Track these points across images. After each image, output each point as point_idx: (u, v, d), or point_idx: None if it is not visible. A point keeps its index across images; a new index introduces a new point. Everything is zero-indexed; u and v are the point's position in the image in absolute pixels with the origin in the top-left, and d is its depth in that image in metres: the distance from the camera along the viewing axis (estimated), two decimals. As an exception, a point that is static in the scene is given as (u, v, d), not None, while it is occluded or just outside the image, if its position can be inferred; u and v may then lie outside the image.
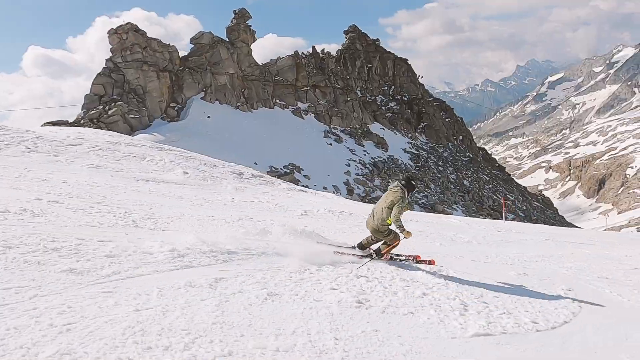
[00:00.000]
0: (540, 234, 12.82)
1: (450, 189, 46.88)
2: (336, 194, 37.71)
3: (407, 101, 67.31)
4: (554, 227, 22.64)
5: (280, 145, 40.94)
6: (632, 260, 9.18)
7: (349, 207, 12.41)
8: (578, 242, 11.89)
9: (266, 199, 11.43)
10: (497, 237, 11.03)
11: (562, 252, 9.48)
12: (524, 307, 4.66)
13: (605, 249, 10.90)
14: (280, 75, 48.61)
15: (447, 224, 12.61)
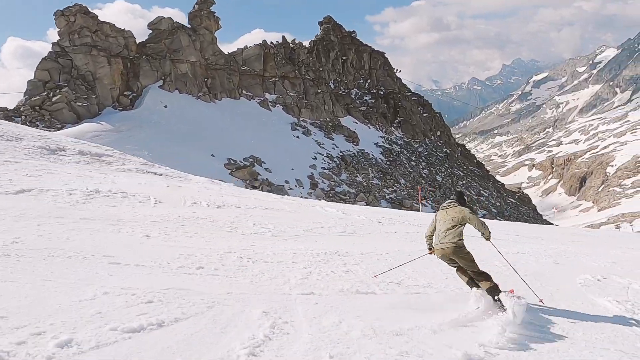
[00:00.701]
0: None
1: (421, 184, 45.66)
2: (298, 187, 36.16)
3: (384, 95, 65.98)
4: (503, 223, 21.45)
5: (243, 137, 39.12)
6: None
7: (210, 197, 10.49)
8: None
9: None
10: (352, 228, 9.44)
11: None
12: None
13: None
14: (247, 65, 46.68)
15: (319, 213, 11.22)
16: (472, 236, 5.38)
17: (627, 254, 10.08)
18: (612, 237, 16.69)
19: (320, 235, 7.99)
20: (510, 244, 9.69)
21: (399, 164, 48.25)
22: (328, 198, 36.14)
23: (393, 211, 18.65)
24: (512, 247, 8.99)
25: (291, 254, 6.13)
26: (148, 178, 12.35)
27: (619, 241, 13.65)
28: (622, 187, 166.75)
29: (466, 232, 4.79)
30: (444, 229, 4.89)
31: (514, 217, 49.45)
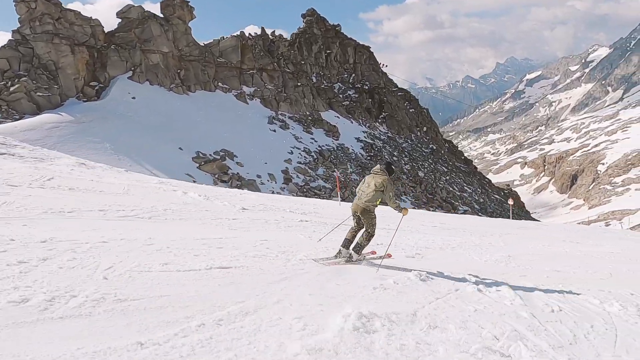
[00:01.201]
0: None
1: (402, 180, 44.64)
2: (270, 182, 34.96)
3: (368, 90, 64.86)
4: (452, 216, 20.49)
5: (215, 130, 37.80)
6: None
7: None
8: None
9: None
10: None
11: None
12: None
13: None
14: (223, 56, 45.29)
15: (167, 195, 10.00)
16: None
17: (537, 250, 9.30)
18: (561, 230, 15.66)
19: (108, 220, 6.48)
20: (413, 233, 9.52)
21: (380, 159, 47.12)
22: (302, 193, 34.99)
23: (304, 200, 17.42)
24: (410, 236, 8.97)
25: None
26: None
27: (562, 235, 12.75)
28: (612, 185, 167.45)
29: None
30: (365, 191, 5.56)
31: (497, 213, 48.64)
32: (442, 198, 43.53)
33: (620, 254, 9.59)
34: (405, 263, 6.08)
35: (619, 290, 5.47)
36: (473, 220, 15.98)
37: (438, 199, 42.86)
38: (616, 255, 9.42)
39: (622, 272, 7.33)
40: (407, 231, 9.51)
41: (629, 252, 10.13)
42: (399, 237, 7.55)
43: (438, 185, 47.38)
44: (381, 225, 6.40)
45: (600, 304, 4.73)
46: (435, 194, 44.09)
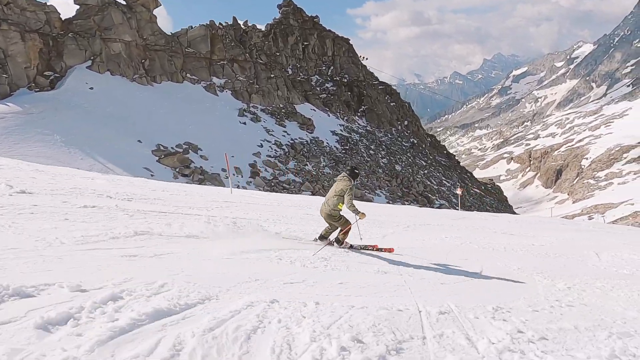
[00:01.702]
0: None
1: (378, 174, 43.58)
2: (236, 176, 33.51)
3: (347, 83, 63.61)
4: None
5: (180, 123, 36.17)
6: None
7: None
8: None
9: None
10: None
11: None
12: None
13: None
14: (192, 46, 43.52)
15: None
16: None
17: (428, 242, 8.62)
18: (506, 222, 14.64)
19: None
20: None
21: (355, 153, 46.02)
22: (270, 187, 33.65)
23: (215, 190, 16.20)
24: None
25: None
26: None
27: (501, 227, 11.87)
28: (596, 179, 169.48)
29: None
30: (328, 196, 5.90)
31: (474, 207, 47.96)
32: (418, 192, 42.59)
33: (545, 246, 8.67)
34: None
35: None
36: (414, 212, 14.95)
37: (414, 193, 41.91)
38: (539, 247, 8.47)
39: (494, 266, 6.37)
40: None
41: (557, 244, 9.22)
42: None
43: (415, 179, 46.44)
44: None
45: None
46: (411, 187, 43.12)
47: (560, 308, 4.12)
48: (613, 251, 8.59)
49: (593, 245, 9.31)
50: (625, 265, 7.35)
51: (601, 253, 8.29)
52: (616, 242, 10.03)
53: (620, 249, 8.91)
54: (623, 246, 9.50)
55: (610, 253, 8.36)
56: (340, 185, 5.74)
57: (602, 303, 4.51)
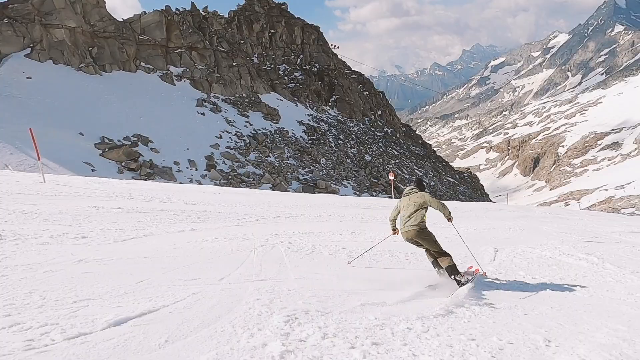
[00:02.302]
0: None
1: (345, 164, 42.16)
2: (190, 169, 31.53)
3: (318, 72, 61.82)
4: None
5: (130, 114, 33.84)
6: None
7: None
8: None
9: None
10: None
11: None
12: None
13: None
14: (146, 33, 40.94)
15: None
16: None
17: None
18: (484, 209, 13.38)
19: None
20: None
21: (322, 143, 44.43)
22: (227, 180, 31.81)
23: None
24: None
25: None
26: None
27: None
28: (572, 166, 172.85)
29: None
30: (407, 214, 5.36)
31: (447, 196, 47.15)
32: (387, 182, 41.34)
33: (449, 238, 7.44)
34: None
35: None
36: (348, 201, 13.58)
37: (382, 183, 40.66)
38: (443, 239, 7.26)
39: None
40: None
41: (471, 235, 7.97)
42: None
43: (385, 169, 45.20)
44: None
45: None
46: (380, 177, 41.86)
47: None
48: (517, 247, 7.41)
49: (505, 238, 8.16)
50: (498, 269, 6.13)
51: (503, 249, 7.15)
52: (536, 236, 8.82)
53: (527, 245, 7.68)
54: (537, 240, 8.31)
55: (510, 249, 7.25)
56: (418, 199, 5.36)
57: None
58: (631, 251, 7.24)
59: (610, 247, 7.47)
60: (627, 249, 7.42)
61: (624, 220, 13.33)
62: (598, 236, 8.98)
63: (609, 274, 5.76)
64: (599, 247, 7.50)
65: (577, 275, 5.74)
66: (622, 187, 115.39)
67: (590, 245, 7.65)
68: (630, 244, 7.95)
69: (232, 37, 49.52)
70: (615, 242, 8.14)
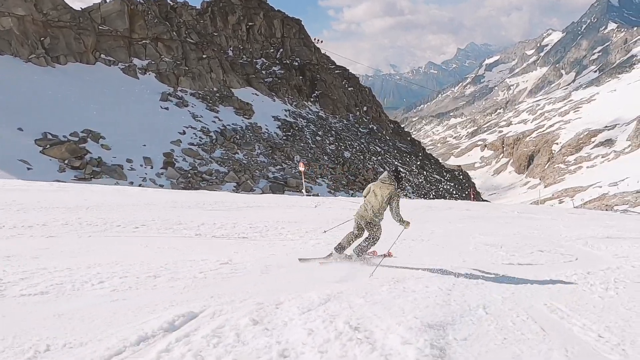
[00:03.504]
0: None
1: (322, 161, 39.71)
2: (145, 167, 28.97)
3: (299, 66, 59.36)
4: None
5: (83, 109, 31.23)
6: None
7: None
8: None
9: None
10: None
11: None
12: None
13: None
14: (107, 23, 38.33)
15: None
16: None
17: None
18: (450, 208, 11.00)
19: None
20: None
21: (298, 139, 41.96)
22: (185, 179, 29.28)
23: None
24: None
25: None
26: None
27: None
28: (566, 163, 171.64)
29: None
30: (371, 200, 5.31)
31: (430, 193, 44.86)
32: (365, 179, 38.93)
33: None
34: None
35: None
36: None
37: (360, 181, 38.24)
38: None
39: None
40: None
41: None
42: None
43: (365, 166, 42.83)
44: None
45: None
46: (359, 175, 39.45)
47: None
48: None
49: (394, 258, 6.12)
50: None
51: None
52: (446, 250, 6.58)
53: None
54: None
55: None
56: (385, 190, 5.21)
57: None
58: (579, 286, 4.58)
59: (549, 274, 4.93)
60: (569, 273, 4.97)
61: (607, 220, 11.05)
62: (549, 248, 6.66)
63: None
64: (519, 271, 5.08)
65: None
66: (615, 184, 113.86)
67: (510, 269, 5.22)
68: (584, 264, 5.54)
69: (204, 29, 46.96)
70: (563, 263, 5.74)
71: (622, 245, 6.83)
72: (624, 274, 5.05)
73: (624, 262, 5.70)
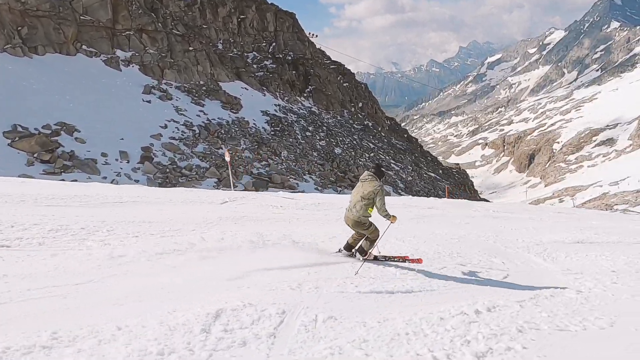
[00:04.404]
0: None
1: (310, 157, 38.49)
2: (120, 161, 27.79)
3: (292, 61, 58.08)
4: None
5: (59, 101, 30.05)
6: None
7: None
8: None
9: None
10: None
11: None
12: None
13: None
14: (89, 13, 37.09)
15: None
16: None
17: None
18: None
19: None
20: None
21: (287, 135, 40.73)
22: (163, 174, 28.10)
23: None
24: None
25: None
26: None
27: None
28: (566, 162, 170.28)
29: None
30: (354, 200, 5.29)
31: (424, 192, 43.67)
32: (355, 176, 37.73)
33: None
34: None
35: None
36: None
37: (350, 177, 37.02)
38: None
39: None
40: None
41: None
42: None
43: (356, 163, 41.61)
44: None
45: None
46: (349, 171, 38.21)
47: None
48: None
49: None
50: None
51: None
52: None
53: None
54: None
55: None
56: (367, 187, 5.17)
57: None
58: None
59: (410, 313, 3.33)
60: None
61: (594, 221, 9.84)
62: (485, 258, 5.36)
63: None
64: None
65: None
66: (616, 184, 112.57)
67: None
68: (502, 290, 3.98)
69: (192, 21, 45.68)
70: (472, 287, 4.22)
71: (588, 254, 5.57)
72: (550, 310, 3.54)
73: (572, 281, 4.34)
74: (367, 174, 5.27)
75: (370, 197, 5.09)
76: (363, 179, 5.27)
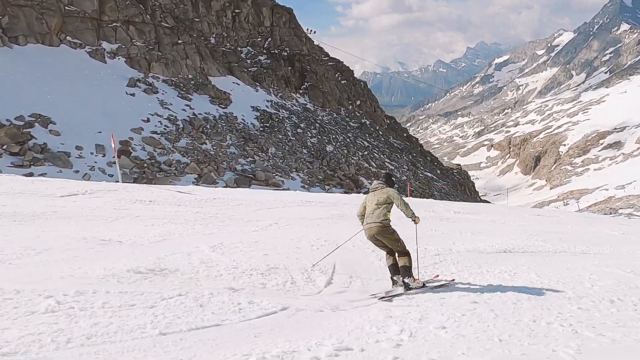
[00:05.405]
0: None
1: (299, 154, 37.31)
2: (95, 155, 26.77)
3: (288, 57, 56.92)
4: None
5: (35, 92, 29.13)
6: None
7: None
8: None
9: None
10: None
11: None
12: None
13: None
14: (74, 4, 36.19)
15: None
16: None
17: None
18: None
19: None
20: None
21: (277, 131, 39.57)
22: (140, 169, 27.07)
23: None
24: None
25: None
26: None
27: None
28: (572, 165, 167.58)
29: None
30: (370, 210, 5.25)
31: (417, 192, 42.31)
32: (345, 174, 36.50)
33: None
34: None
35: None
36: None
37: (339, 176, 35.79)
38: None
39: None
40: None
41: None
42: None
43: (348, 161, 40.35)
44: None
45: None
46: (338, 170, 36.98)
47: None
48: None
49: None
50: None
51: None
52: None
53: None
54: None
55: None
56: (381, 194, 5.23)
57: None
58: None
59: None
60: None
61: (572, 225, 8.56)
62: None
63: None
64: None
65: None
66: (622, 187, 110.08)
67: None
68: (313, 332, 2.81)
69: (184, 14, 44.69)
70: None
71: (482, 266, 4.56)
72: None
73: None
74: (377, 184, 5.39)
75: (388, 201, 5.16)
76: (374, 189, 5.38)
